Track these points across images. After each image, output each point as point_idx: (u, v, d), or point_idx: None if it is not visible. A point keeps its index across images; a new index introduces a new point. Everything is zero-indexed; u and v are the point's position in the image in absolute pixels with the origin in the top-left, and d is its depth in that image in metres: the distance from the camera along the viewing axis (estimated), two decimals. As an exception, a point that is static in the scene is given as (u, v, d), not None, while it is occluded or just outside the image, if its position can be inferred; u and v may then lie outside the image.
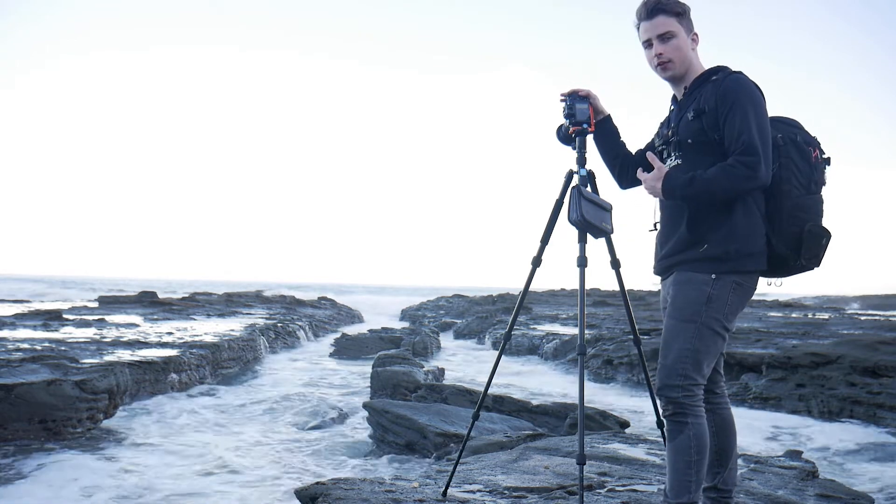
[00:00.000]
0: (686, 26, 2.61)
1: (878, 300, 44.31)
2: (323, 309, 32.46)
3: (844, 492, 3.77)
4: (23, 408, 7.52)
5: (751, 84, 2.49)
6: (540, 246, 3.03)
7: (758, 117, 2.40)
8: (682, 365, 2.44)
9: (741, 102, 2.41)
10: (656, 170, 2.53)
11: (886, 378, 9.08)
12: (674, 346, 2.48)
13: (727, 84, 2.47)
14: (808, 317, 23.51)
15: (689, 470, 2.43)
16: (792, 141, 2.47)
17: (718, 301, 2.44)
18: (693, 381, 2.44)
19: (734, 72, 2.55)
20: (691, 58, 2.62)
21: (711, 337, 2.46)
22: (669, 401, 2.45)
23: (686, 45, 2.60)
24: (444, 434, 6.75)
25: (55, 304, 23.73)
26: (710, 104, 2.46)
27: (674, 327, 2.50)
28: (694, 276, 2.48)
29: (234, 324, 18.21)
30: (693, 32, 2.63)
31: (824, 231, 2.46)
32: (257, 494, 6.72)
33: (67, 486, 6.59)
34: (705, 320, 2.44)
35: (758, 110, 2.42)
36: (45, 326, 14.45)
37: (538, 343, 19.45)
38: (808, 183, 2.47)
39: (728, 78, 2.50)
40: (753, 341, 13.28)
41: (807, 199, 2.46)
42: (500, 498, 3.41)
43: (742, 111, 2.40)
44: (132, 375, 9.58)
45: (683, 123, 2.54)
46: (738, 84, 2.47)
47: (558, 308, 31.57)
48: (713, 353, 2.49)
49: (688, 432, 2.42)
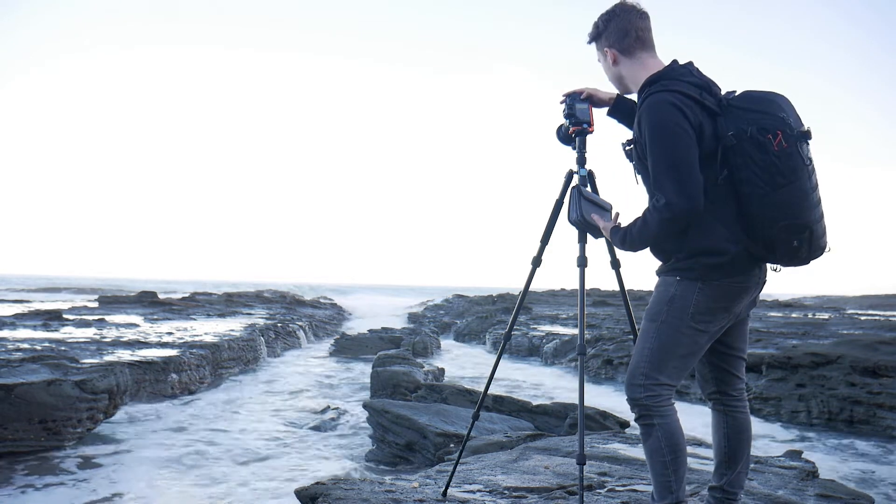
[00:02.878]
0: (601, 47, 2.60)
1: (878, 300, 44.31)
2: (323, 309, 32.48)
3: (844, 492, 3.76)
4: (23, 408, 7.52)
5: (659, 107, 2.32)
6: (540, 246, 3.03)
7: (662, 146, 2.29)
8: (643, 364, 2.43)
9: (650, 134, 2.32)
10: (602, 228, 2.60)
11: (886, 378, 9.08)
12: (639, 346, 2.50)
13: (640, 114, 2.38)
14: (808, 317, 23.52)
15: (665, 471, 2.42)
16: (745, 135, 2.26)
17: (682, 300, 2.40)
18: (655, 381, 2.41)
19: (651, 91, 2.38)
20: (618, 73, 2.59)
21: (674, 336, 2.41)
22: (634, 402, 2.44)
23: (607, 66, 2.62)
24: (444, 434, 6.75)
25: (55, 304, 23.73)
26: (636, 133, 2.43)
27: (642, 329, 2.53)
28: (663, 279, 2.50)
29: (234, 324, 18.21)
30: (605, 49, 2.58)
31: (798, 229, 2.28)
32: (257, 494, 6.72)
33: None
34: (666, 319, 2.42)
35: (663, 138, 2.29)
36: (45, 326, 14.46)
37: (538, 343, 19.47)
38: (772, 177, 2.25)
39: (642, 105, 2.38)
40: (753, 341, 13.29)
41: (775, 196, 2.25)
42: (500, 498, 3.41)
43: (651, 144, 2.30)
44: (132, 375, 9.59)
45: (629, 148, 2.56)
46: (648, 112, 2.34)
47: (558, 308, 31.59)
48: (679, 353, 2.43)
49: (656, 433, 2.41)
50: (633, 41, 2.53)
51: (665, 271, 2.51)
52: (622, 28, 2.52)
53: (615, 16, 2.54)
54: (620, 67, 2.57)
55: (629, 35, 2.52)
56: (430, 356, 18.31)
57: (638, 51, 2.53)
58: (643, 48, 2.54)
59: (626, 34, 2.52)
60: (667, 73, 2.44)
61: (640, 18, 2.54)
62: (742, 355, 2.66)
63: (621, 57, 2.55)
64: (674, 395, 2.50)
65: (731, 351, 2.62)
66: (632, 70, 2.55)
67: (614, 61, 2.57)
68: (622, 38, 2.53)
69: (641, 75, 2.51)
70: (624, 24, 2.52)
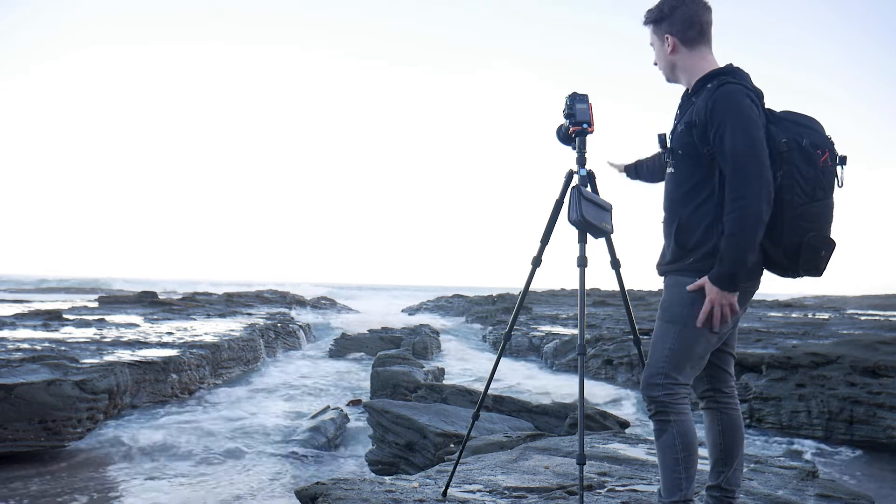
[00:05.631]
0: (660, 32, 2.56)
1: (878, 300, 44.26)
2: (323, 309, 32.46)
3: (844, 492, 3.76)
4: (23, 408, 7.51)
5: (738, 96, 2.36)
6: (540, 246, 3.03)
7: (743, 132, 2.30)
8: (663, 365, 2.46)
9: (726, 120, 2.33)
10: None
11: (886, 378, 9.08)
12: (658, 346, 2.51)
13: (715, 99, 2.37)
14: (808, 317, 23.50)
15: (677, 467, 2.45)
16: (797, 146, 2.33)
17: (701, 304, 2.41)
18: (674, 381, 2.45)
19: (726, 81, 2.41)
20: (673, 61, 2.56)
21: (694, 338, 2.44)
22: (651, 400, 2.47)
23: (662, 52, 2.58)
24: (444, 434, 6.75)
25: (55, 304, 23.72)
26: (700, 116, 2.40)
27: (659, 328, 2.54)
28: (680, 280, 2.49)
29: (234, 324, 18.20)
30: (665, 35, 2.55)
31: (826, 242, 2.37)
32: (257, 494, 6.72)
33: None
34: (688, 321, 2.44)
35: (744, 125, 2.31)
36: (45, 326, 14.45)
37: (538, 343, 19.46)
38: (814, 190, 2.34)
39: (717, 91, 2.39)
40: (753, 341, 13.28)
41: (810, 208, 2.34)
42: (500, 498, 3.41)
43: (730, 129, 2.31)
44: (132, 375, 9.58)
45: (677, 133, 2.52)
46: (726, 98, 2.35)
47: (558, 308, 31.56)
48: (697, 354, 2.47)
49: (672, 430, 2.44)
50: (697, 34, 2.52)
51: (680, 270, 2.50)
52: (689, 18, 2.51)
53: (683, 4, 2.52)
54: (677, 57, 2.56)
55: (694, 27, 2.51)
56: (430, 356, 18.30)
57: (700, 44, 2.53)
58: (704, 42, 2.54)
59: (691, 25, 2.51)
60: (736, 70, 2.49)
61: (707, 12, 2.54)
62: (733, 352, 2.70)
63: (681, 47, 2.54)
64: (689, 394, 2.53)
65: (725, 348, 2.65)
66: (690, 61, 2.54)
67: (673, 49, 2.55)
68: (687, 28, 2.52)
69: (700, 67, 2.52)
70: (691, 14, 2.51)
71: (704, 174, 2.44)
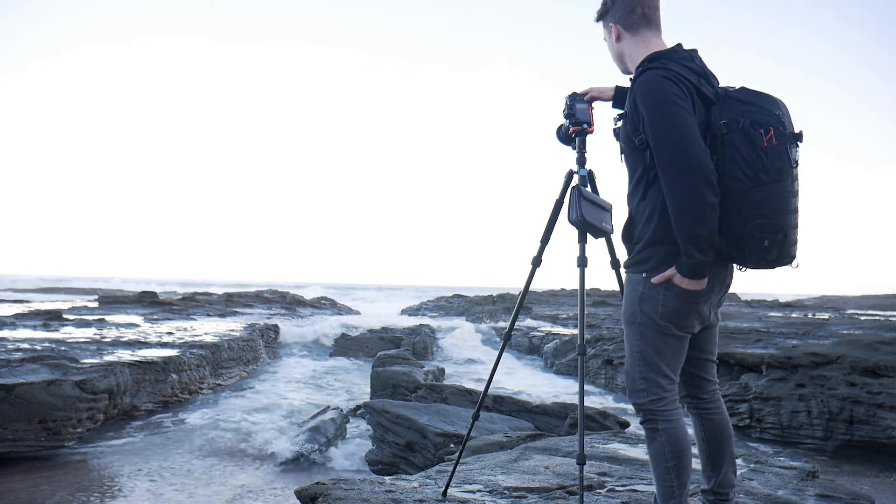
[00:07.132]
0: (607, 24, 2.54)
1: (878, 300, 44.24)
2: (323, 309, 32.46)
3: (844, 492, 3.76)
4: (23, 408, 7.51)
5: (655, 82, 2.25)
6: (540, 246, 3.03)
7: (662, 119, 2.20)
8: (638, 369, 2.40)
9: (646, 108, 2.24)
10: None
11: (886, 378, 9.07)
12: (628, 351, 2.46)
13: (635, 89, 2.30)
14: (808, 317, 23.48)
15: (668, 475, 2.40)
16: (737, 126, 2.18)
17: (651, 299, 2.35)
18: (655, 383, 2.36)
19: (647, 67, 2.32)
20: (620, 50, 2.52)
21: (657, 336, 2.36)
22: (638, 408, 2.42)
23: (610, 43, 2.57)
24: (444, 434, 6.75)
25: (55, 304, 23.71)
26: (629, 108, 2.35)
27: (625, 333, 2.48)
28: (630, 277, 2.45)
29: (234, 324, 18.20)
30: (610, 24, 2.50)
31: (771, 228, 2.18)
32: (257, 494, 6.72)
33: None
34: (642, 319, 2.38)
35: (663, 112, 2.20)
36: (45, 326, 14.44)
37: (538, 343, 19.47)
38: (756, 173, 2.16)
39: (637, 81, 2.32)
40: (753, 341, 13.27)
41: (754, 193, 2.17)
42: (500, 498, 3.41)
43: (649, 118, 2.23)
44: (132, 375, 9.58)
45: (620, 127, 2.48)
46: (643, 87, 2.27)
47: (558, 308, 31.56)
48: (668, 352, 2.38)
49: (660, 439, 2.39)
50: (639, 18, 2.46)
51: (628, 266, 2.47)
52: (629, 3, 2.46)
53: (610, 4, 2.49)
54: (623, 44, 2.51)
55: (635, 11, 2.46)
56: (430, 356, 18.30)
57: (642, 28, 2.47)
58: (648, 26, 2.47)
59: (632, 10, 2.46)
60: (668, 53, 2.38)
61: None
62: (712, 358, 2.61)
63: (625, 33, 2.49)
64: (678, 395, 2.46)
65: (700, 355, 2.57)
66: (633, 47, 2.48)
67: (618, 38, 2.51)
68: (628, 13, 2.47)
69: (642, 53, 2.44)
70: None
71: (645, 166, 2.35)
